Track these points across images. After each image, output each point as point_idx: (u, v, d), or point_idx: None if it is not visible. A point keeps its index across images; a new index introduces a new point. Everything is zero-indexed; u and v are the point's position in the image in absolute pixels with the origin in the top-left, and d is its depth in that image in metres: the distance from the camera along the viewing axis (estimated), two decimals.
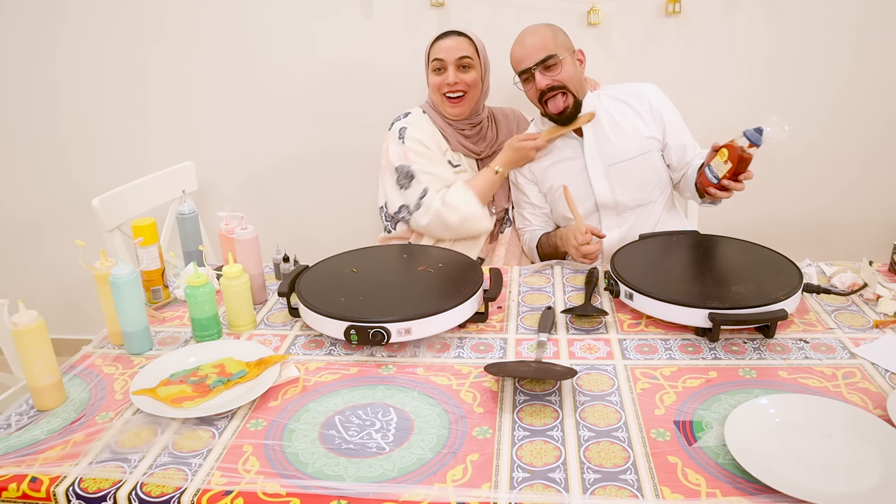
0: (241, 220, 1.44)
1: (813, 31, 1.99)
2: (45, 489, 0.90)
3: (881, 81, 2.03)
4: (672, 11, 1.98)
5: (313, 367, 1.18)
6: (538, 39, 1.60)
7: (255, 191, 2.36)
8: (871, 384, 1.07)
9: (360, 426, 1.00)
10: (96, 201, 1.69)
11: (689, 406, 1.02)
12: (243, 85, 2.22)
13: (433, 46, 1.73)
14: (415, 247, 1.56)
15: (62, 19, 2.19)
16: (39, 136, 2.35)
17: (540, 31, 1.62)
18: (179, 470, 0.92)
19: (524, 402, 1.05)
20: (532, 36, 1.61)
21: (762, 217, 2.22)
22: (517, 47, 1.64)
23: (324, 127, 2.24)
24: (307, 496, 0.86)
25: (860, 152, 2.12)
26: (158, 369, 1.15)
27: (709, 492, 0.85)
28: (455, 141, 1.79)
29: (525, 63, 1.61)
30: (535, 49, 1.60)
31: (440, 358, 1.20)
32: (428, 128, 1.78)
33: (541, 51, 1.59)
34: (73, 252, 2.42)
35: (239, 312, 1.31)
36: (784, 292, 1.22)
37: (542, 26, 1.64)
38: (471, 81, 1.72)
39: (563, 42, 1.63)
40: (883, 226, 2.19)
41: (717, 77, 2.06)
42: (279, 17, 2.12)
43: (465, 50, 1.70)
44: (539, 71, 1.60)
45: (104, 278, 1.22)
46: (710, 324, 1.18)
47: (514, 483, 0.87)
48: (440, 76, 1.72)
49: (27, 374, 1.07)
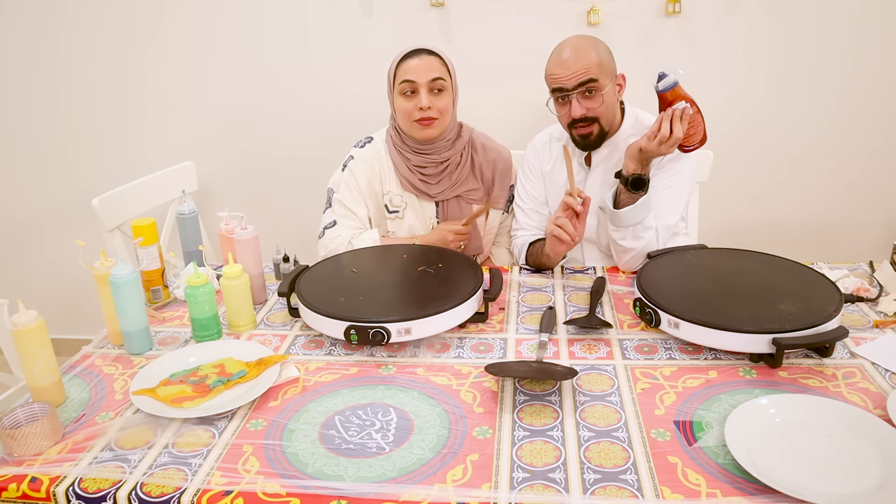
0: (241, 220, 1.44)
1: (813, 32, 1.99)
2: (45, 489, 0.90)
3: (883, 82, 2.03)
4: (672, 11, 1.98)
5: (313, 367, 1.18)
6: (582, 61, 1.46)
7: (255, 191, 2.36)
8: (871, 384, 1.07)
9: (360, 426, 1.00)
10: (96, 201, 1.69)
11: (689, 406, 1.02)
12: (243, 85, 2.22)
13: (400, 66, 1.56)
14: (415, 247, 1.56)
15: (62, 19, 2.19)
16: (39, 136, 2.35)
17: (585, 51, 1.47)
18: (179, 470, 0.92)
19: (524, 403, 1.05)
20: (576, 55, 1.46)
21: (763, 218, 2.22)
22: (557, 64, 1.49)
23: (324, 127, 2.24)
24: (307, 496, 0.86)
25: (861, 153, 2.11)
26: (158, 369, 1.15)
27: (709, 492, 0.85)
28: (408, 182, 1.65)
29: (562, 83, 1.48)
30: (578, 72, 1.46)
31: (440, 358, 1.20)
32: (377, 167, 1.66)
33: (583, 74, 1.46)
34: (73, 252, 2.42)
35: (239, 312, 1.31)
36: (832, 307, 1.16)
37: (587, 43, 1.48)
38: (443, 107, 1.57)
39: (607, 66, 1.49)
40: (884, 227, 2.19)
41: (717, 77, 2.06)
42: (279, 17, 2.12)
43: (437, 70, 1.55)
44: (577, 97, 1.48)
45: (104, 278, 1.22)
46: (772, 349, 1.10)
47: (514, 483, 0.87)
48: (410, 100, 1.56)
49: (27, 374, 1.07)
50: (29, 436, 0.95)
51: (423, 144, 1.63)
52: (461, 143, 1.67)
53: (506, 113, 2.13)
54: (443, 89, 1.57)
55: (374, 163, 1.68)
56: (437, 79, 1.55)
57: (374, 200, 1.69)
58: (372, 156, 1.68)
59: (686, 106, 1.41)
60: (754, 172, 2.17)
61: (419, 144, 1.63)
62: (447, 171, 1.67)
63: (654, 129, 1.42)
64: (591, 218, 1.63)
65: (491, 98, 2.12)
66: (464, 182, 1.69)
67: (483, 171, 1.71)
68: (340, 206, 1.66)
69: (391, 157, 1.67)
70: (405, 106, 1.57)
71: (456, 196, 1.69)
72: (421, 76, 1.54)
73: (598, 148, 1.59)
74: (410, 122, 1.59)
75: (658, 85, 1.43)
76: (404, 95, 1.57)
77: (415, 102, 1.56)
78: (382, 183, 1.68)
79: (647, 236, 1.49)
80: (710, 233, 2.10)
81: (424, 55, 1.56)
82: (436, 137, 1.62)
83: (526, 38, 2.05)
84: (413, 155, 1.65)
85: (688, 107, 1.42)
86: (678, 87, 1.43)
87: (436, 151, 1.64)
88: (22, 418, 0.99)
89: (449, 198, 1.69)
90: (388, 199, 1.68)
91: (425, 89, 1.55)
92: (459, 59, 1.73)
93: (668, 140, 1.41)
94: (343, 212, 1.66)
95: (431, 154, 1.64)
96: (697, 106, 1.44)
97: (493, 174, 1.72)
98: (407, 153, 1.65)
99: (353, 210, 1.66)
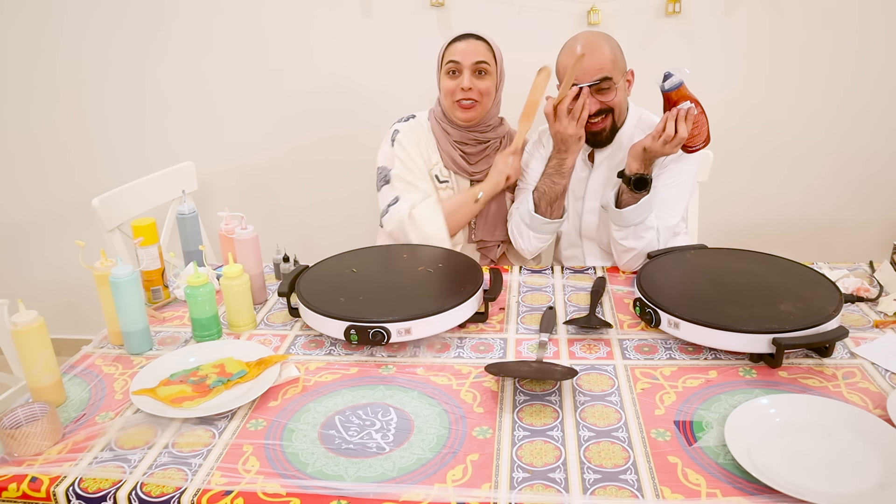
0: (241, 220, 1.44)
1: (814, 32, 1.99)
2: (45, 489, 0.90)
3: (883, 82, 2.03)
4: (672, 11, 1.98)
5: (313, 367, 1.18)
6: (597, 59, 1.48)
7: (255, 191, 2.36)
8: (871, 384, 1.07)
9: (360, 426, 1.00)
10: (96, 201, 1.69)
11: (689, 406, 1.02)
12: (243, 85, 2.22)
13: (449, 48, 1.65)
14: (415, 247, 1.56)
15: (62, 19, 2.19)
16: (40, 135, 2.35)
17: (599, 49, 1.49)
18: (179, 470, 0.92)
19: (524, 402, 1.05)
20: (591, 52, 1.48)
21: (763, 218, 2.22)
22: (571, 59, 1.49)
23: (324, 127, 2.24)
24: (307, 496, 0.86)
25: (862, 154, 2.11)
26: (158, 369, 1.15)
27: (709, 492, 0.85)
28: (449, 158, 1.71)
29: (577, 80, 1.49)
30: (593, 69, 1.48)
31: (440, 358, 1.20)
32: (423, 137, 1.71)
33: (598, 72, 1.48)
34: (73, 252, 2.42)
35: (239, 312, 1.31)
36: (832, 307, 1.17)
37: (602, 41, 1.51)
38: (485, 89, 1.64)
39: (619, 64, 1.52)
40: (884, 226, 2.19)
41: (717, 77, 2.06)
42: (279, 17, 2.12)
43: (482, 54, 1.62)
44: (591, 93, 1.50)
45: (104, 278, 1.22)
46: (772, 349, 1.11)
47: (514, 483, 0.87)
48: (454, 80, 1.63)
49: (27, 374, 1.07)
50: (29, 436, 0.95)
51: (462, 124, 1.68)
52: (503, 130, 1.76)
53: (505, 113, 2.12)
54: (486, 72, 1.64)
55: (421, 134, 1.72)
56: (480, 62, 1.62)
57: (425, 171, 1.71)
58: (416, 128, 1.73)
59: (691, 106, 1.41)
60: (754, 172, 2.17)
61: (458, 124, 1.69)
62: (487, 152, 1.73)
63: (658, 128, 1.42)
64: (592, 216, 1.64)
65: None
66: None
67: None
68: (400, 181, 1.67)
69: (433, 132, 1.73)
70: (448, 84, 1.65)
71: None
72: (466, 58, 1.62)
73: (607, 145, 1.60)
74: (452, 102, 1.66)
75: (664, 84, 1.43)
76: (449, 75, 1.65)
77: (457, 82, 1.63)
78: (429, 154, 1.72)
79: (649, 236, 1.49)
80: (710, 233, 2.10)
81: (472, 39, 1.64)
82: (473, 120, 1.67)
83: (526, 38, 2.05)
84: (455, 130, 1.70)
85: (692, 107, 1.41)
86: (683, 87, 1.43)
87: (478, 129, 1.70)
88: (22, 418, 0.99)
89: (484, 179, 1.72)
90: (437, 169, 1.72)
91: (469, 71, 1.62)
92: None
93: (672, 140, 1.41)
94: (404, 186, 1.67)
95: (472, 131, 1.70)
96: (702, 106, 1.44)
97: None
98: (448, 128, 1.71)
99: (414, 183, 1.67)
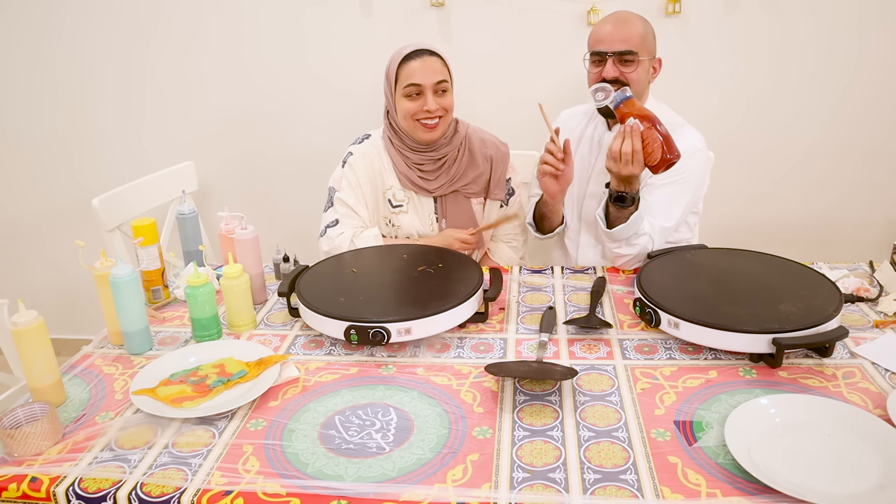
0: (241, 220, 1.44)
1: (813, 32, 1.99)
2: (45, 489, 0.90)
3: (883, 82, 2.03)
4: (672, 11, 1.98)
5: (313, 367, 1.18)
6: (627, 30, 1.51)
7: (255, 191, 2.36)
8: (871, 384, 1.07)
9: (360, 426, 1.00)
10: (96, 201, 1.69)
11: (689, 406, 1.02)
12: (244, 84, 2.22)
13: (403, 68, 1.56)
14: (415, 247, 1.56)
15: (62, 19, 2.19)
16: (39, 135, 2.35)
17: (631, 24, 1.53)
18: (179, 470, 0.92)
19: (524, 402, 1.05)
20: (623, 24, 1.53)
21: (763, 218, 2.22)
22: (603, 26, 1.54)
23: (324, 126, 2.24)
24: (307, 496, 0.86)
25: (861, 153, 2.11)
26: (158, 369, 1.15)
27: (709, 492, 0.85)
28: (407, 179, 1.66)
29: (603, 46, 1.53)
30: (621, 38, 1.51)
31: (440, 358, 1.20)
32: (377, 161, 1.67)
33: (625, 42, 1.51)
34: (73, 252, 2.41)
35: (239, 312, 1.31)
36: (832, 307, 1.17)
37: (637, 18, 1.55)
38: (447, 105, 1.60)
39: (648, 45, 1.55)
40: (884, 226, 2.19)
41: (717, 77, 2.06)
42: (279, 17, 2.12)
43: (440, 72, 1.57)
44: (613, 61, 1.52)
45: (104, 278, 1.22)
46: (772, 349, 1.10)
47: (514, 483, 0.87)
48: (415, 102, 1.57)
49: (27, 374, 1.07)
50: (29, 436, 0.95)
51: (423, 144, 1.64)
52: (458, 139, 1.68)
53: (505, 113, 2.13)
54: (446, 90, 1.60)
55: (374, 158, 1.68)
56: (441, 81, 1.57)
57: (374, 196, 1.69)
58: (371, 151, 1.69)
59: (635, 122, 1.38)
60: (754, 172, 2.17)
61: (419, 144, 1.64)
62: (444, 166, 1.68)
63: (610, 149, 1.40)
64: (593, 200, 1.66)
65: (490, 98, 2.12)
66: (462, 177, 1.69)
67: (481, 164, 1.71)
68: (342, 205, 1.66)
69: (389, 154, 1.68)
70: (409, 107, 1.58)
71: (454, 191, 1.70)
72: (426, 79, 1.55)
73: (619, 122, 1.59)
74: (413, 122, 1.59)
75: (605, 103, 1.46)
76: (409, 97, 1.58)
77: (420, 104, 1.57)
78: (384, 178, 1.69)
79: (642, 242, 1.50)
80: (710, 233, 2.10)
81: (426, 56, 1.56)
82: (438, 138, 1.63)
83: (526, 39, 2.05)
84: (411, 153, 1.66)
85: (637, 123, 1.38)
86: (625, 104, 1.42)
87: (434, 149, 1.65)
88: (22, 418, 0.99)
89: (447, 193, 1.69)
90: (391, 193, 1.69)
91: (431, 91, 1.56)
92: (459, 59, 1.73)
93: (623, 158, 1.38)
94: (345, 211, 1.66)
95: (429, 151, 1.65)
96: (654, 122, 1.39)
97: (491, 166, 1.72)
98: (405, 151, 1.66)
99: (355, 209, 1.66)
